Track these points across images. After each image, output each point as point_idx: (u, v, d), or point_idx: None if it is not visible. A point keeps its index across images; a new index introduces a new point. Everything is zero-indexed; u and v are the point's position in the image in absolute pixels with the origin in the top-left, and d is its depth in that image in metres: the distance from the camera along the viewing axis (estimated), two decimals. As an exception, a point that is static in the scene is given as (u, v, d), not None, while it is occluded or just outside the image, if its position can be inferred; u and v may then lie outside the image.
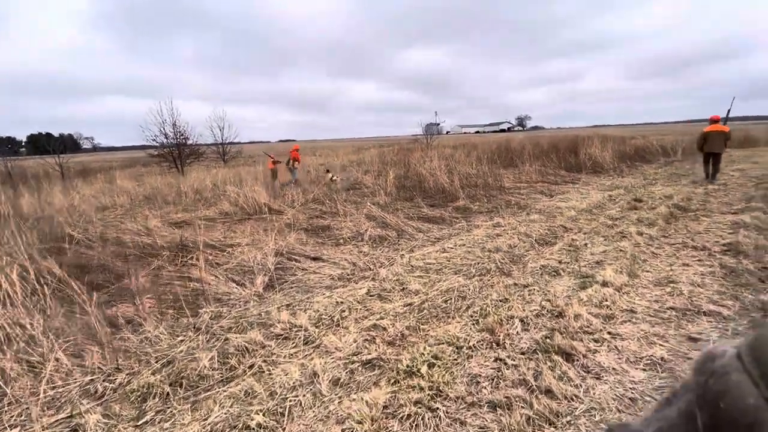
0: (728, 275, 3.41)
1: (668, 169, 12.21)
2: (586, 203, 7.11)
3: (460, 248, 4.80)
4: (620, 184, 9.20)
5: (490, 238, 5.14)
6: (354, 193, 10.03)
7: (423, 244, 5.11)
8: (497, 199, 7.83)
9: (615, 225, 5.50)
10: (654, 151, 15.31)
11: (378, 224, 5.88)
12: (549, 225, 5.66)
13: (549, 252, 4.51)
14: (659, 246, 4.49)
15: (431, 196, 8.63)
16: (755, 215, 5.32)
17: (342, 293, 3.54)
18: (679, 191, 7.88)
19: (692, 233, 4.94)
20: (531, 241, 4.92)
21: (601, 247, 4.56)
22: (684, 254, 4.14)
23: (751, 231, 4.68)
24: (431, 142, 32.75)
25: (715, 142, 9.18)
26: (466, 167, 13.35)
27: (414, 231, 5.67)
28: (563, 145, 15.16)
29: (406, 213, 6.98)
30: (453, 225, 6.06)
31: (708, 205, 6.60)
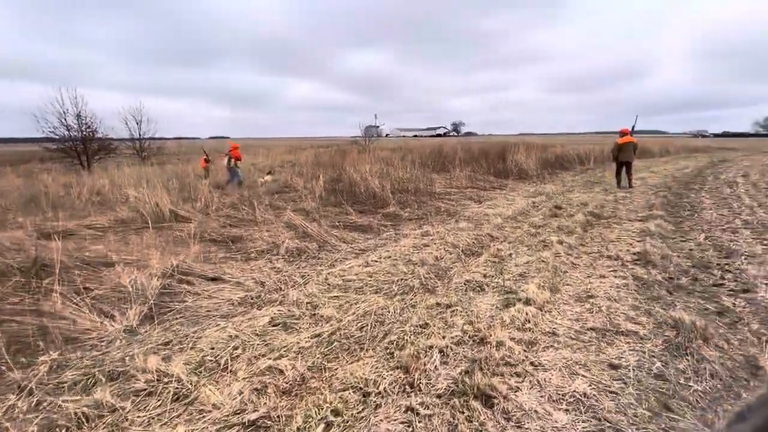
0: (640, 288, 3.45)
1: (583, 176, 13.19)
2: (512, 210, 7.22)
3: (385, 261, 4.44)
4: (543, 191, 9.62)
5: (417, 249, 4.86)
6: (281, 197, 9.30)
7: (346, 257, 4.67)
8: (428, 205, 7.67)
9: (538, 233, 5.55)
10: (571, 159, 16.56)
11: (298, 234, 5.32)
12: (476, 234, 5.55)
13: (475, 264, 4.33)
14: (578, 255, 4.54)
15: (362, 202, 8.25)
16: (657, 223, 5.70)
17: (239, 323, 2.96)
18: (594, 198, 8.40)
19: (606, 241, 5.12)
20: (458, 252, 4.72)
21: (525, 257, 4.50)
22: (600, 264, 4.20)
23: (656, 239, 4.96)
24: (370, 144, 32.63)
25: (628, 152, 10.19)
26: (400, 171, 13.25)
27: (338, 241, 5.20)
28: (493, 151, 15.77)
29: (332, 220, 6.50)
30: (380, 234, 5.71)
31: (618, 212, 7.04)
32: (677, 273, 3.81)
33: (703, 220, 6.15)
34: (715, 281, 3.59)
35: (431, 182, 10.48)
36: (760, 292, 3.29)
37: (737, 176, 12.58)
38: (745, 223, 5.88)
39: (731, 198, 8.27)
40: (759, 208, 7.03)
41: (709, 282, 3.57)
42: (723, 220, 6.15)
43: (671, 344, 2.46)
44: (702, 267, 3.97)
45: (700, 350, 2.38)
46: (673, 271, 3.81)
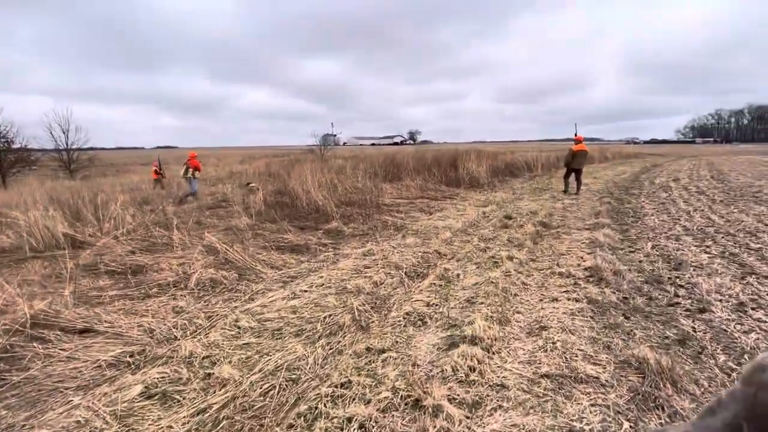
0: (596, 313, 3.09)
1: (532, 183, 13.37)
2: (462, 222, 6.87)
3: (316, 291, 3.80)
4: (493, 200, 9.46)
5: (356, 273, 4.28)
6: (214, 213, 8.37)
7: (270, 287, 3.97)
8: (374, 219, 7.13)
9: (488, 248, 5.18)
10: (520, 166, 16.89)
11: (218, 261, 4.54)
12: (423, 251, 5.08)
13: (418, 289, 3.82)
14: (529, 273, 4.18)
15: (303, 217, 7.56)
16: (606, 232, 5.56)
17: (99, 398, 2.19)
18: (543, 206, 8.30)
19: (557, 255, 4.84)
20: (400, 274, 4.20)
21: (474, 278, 4.06)
22: (552, 283, 3.85)
23: (606, 251, 4.74)
24: (326, 153, 31.83)
25: (581, 159, 10.38)
26: (349, 182, 12.69)
27: (264, 267, 4.49)
28: (445, 159, 15.68)
29: (265, 240, 5.76)
30: (317, 256, 5.06)
31: (566, 221, 6.92)
32: (631, 291, 3.52)
33: (647, 227, 6.12)
34: (669, 300, 3.32)
35: (381, 193, 10.00)
36: (716, 311, 3.05)
37: (669, 180, 13.32)
38: (686, 229, 5.91)
39: (668, 202, 8.53)
40: (695, 212, 7.22)
41: (664, 301, 3.31)
42: (665, 226, 6.17)
43: (637, 393, 2.05)
44: (654, 282, 3.74)
45: (671, 400, 1.98)
46: (627, 290, 3.53)
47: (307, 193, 8.03)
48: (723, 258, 4.41)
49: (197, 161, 10.92)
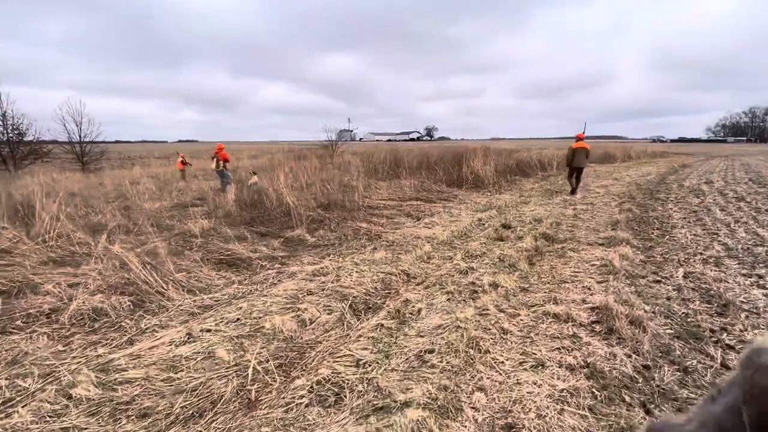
0: (599, 401, 2.01)
1: (544, 184, 12.10)
2: (451, 231, 5.80)
3: (221, 332, 2.85)
4: (495, 203, 8.32)
5: (289, 304, 3.30)
6: (181, 213, 7.54)
7: (168, 322, 3.04)
8: (347, 225, 6.13)
9: (470, 269, 4.12)
10: (533, 165, 15.55)
11: (123, 280, 3.63)
12: (389, 270, 4.07)
13: (357, 334, 2.81)
14: (514, 312, 3.11)
15: (271, 220, 6.63)
16: (623, 252, 4.40)
17: None
18: (550, 212, 7.14)
19: (557, 282, 3.74)
20: (343, 308, 3.20)
21: (437, 317, 3.03)
22: (543, 332, 2.78)
23: (622, 281, 3.62)
24: (336, 149, 30.92)
25: (581, 157, 9.81)
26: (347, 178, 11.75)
27: (178, 291, 3.56)
28: (449, 157, 14.50)
29: (209, 250, 4.86)
30: (255, 274, 4.11)
31: (576, 232, 5.76)
32: (655, 354, 2.42)
33: (677, 244, 4.92)
34: (715, 374, 2.22)
35: (370, 193, 9.00)
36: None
37: (701, 183, 11.83)
38: (727, 248, 4.69)
39: (701, 211, 7.22)
40: (736, 225, 5.93)
41: (707, 377, 2.20)
42: (700, 243, 4.96)
43: None
44: (691, 339, 2.62)
45: None
46: (649, 352, 2.43)
47: (278, 193, 7.09)
48: (785, 297, 3.24)
49: (225, 153, 10.78)
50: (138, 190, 11.05)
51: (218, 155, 10.53)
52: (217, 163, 10.55)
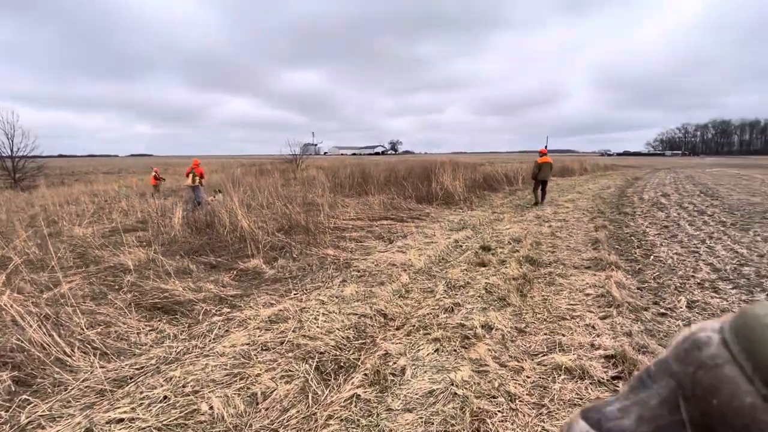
0: None
1: (513, 198, 11.99)
2: (428, 255, 5.26)
3: (137, 420, 2.07)
4: (469, 221, 7.93)
5: (236, 367, 2.57)
6: (116, 241, 6.49)
7: (59, 411, 2.21)
8: (311, 252, 5.43)
9: (456, 305, 3.57)
10: (500, 179, 15.58)
11: (13, 345, 2.73)
12: (363, 311, 3.44)
13: (326, 414, 2.14)
14: (516, 366, 2.57)
15: (224, 247, 5.80)
16: (618, 279, 4.04)
17: None
18: (527, 230, 6.82)
19: (555, 318, 3.27)
20: (307, 371, 2.52)
21: (427, 378, 2.43)
22: (556, 395, 2.25)
23: (627, 317, 3.21)
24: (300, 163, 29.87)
25: (546, 171, 10.33)
26: (311, 195, 11.02)
27: (87, 357, 2.71)
28: (417, 172, 14.18)
29: (141, 290, 3.99)
30: (201, 322, 3.32)
31: (558, 252, 5.42)
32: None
33: (665, 266, 4.67)
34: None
35: (337, 213, 8.34)
36: None
37: (658, 196, 12.21)
38: (715, 269, 4.48)
39: (672, 225, 7.21)
40: (711, 241, 5.86)
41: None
42: (686, 264, 4.74)
43: None
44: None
45: None
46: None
47: (232, 215, 6.27)
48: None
49: (202, 168, 10.75)
50: (71, 212, 9.69)
51: (195, 171, 10.34)
52: (193, 179, 10.35)
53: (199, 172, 10.68)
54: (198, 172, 10.65)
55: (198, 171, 10.66)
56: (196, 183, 10.64)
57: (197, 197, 10.62)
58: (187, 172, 10.80)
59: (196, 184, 10.65)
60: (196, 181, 10.62)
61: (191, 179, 10.62)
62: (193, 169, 10.63)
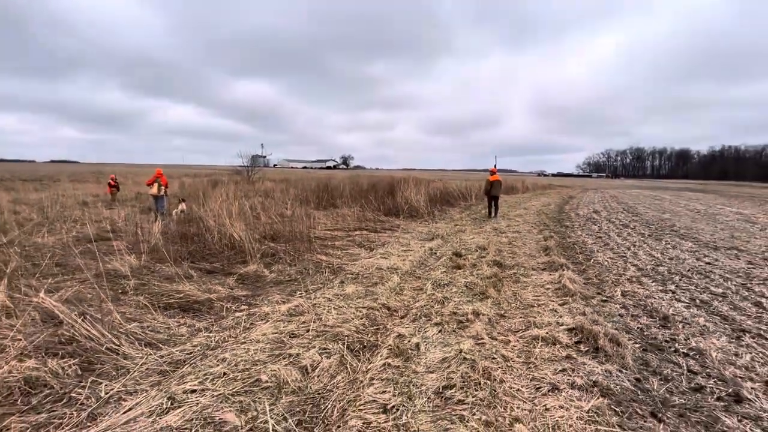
0: (618, 414, 2.23)
1: (470, 213, 13.14)
2: (409, 261, 5.92)
3: (209, 391, 2.44)
4: (436, 232, 8.76)
5: (276, 350, 3.00)
6: (89, 249, 6.36)
7: (135, 386, 2.51)
8: (305, 258, 5.86)
9: (446, 299, 4.25)
10: (456, 195, 16.83)
11: (57, 339, 2.91)
12: (368, 305, 3.98)
13: (367, 376, 2.67)
14: (505, 339, 3.28)
15: (214, 255, 6.01)
16: (570, 276, 4.98)
17: None
18: (488, 240, 7.76)
19: (526, 307, 4.07)
20: (341, 349, 3.02)
21: (439, 350, 3.04)
22: (539, 355, 2.97)
23: (579, 302, 4.09)
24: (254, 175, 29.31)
25: (497, 188, 11.64)
26: (280, 207, 11.22)
27: (134, 346, 2.97)
28: (381, 186, 14.94)
29: (152, 292, 4.19)
30: (222, 318, 3.66)
31: (517, 257, 6.36)
32: (638, 367, 2.78)
33: (602, 267, 5.75)
34: (689, 380, 2.63)
35: (313, 224, 8.74)
36: (750, 396, 2.39)
37: (591, 213, 14.06)
38: (639, 269, 5.63)
39: (604, 236, 8.58)
40: (635, 248, 7.18)
41: (683, 383, 2.59)
42: (617, 265, 5.87)
43: None
44: (656, 350, 3.07)
45: None
46: (633, 366, 2.77)
47: (220, 224, 6.48)
48: (699, 308, 4.00)
49: (165, 178, 10.80)
50: (17, 221, 9.06)
51: (160, 180, 10.43)
52: (159, 187, 10.42)
53: (163, 181, 10.71)
54: (162, 181, 10.67)
55: (162, 180, 10.68)
56: (160, 192, 10.64)
57: (160, 206, 10.63)
58: (151, 181, 10.74)
59: (160, 193, 10.65)
60: (160, 190, 10.62)
61: (156, 188, 10.62)
62: (157, 178, 10.64)
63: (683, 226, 10.12)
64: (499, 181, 11.66)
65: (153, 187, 10.61)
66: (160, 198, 10.66)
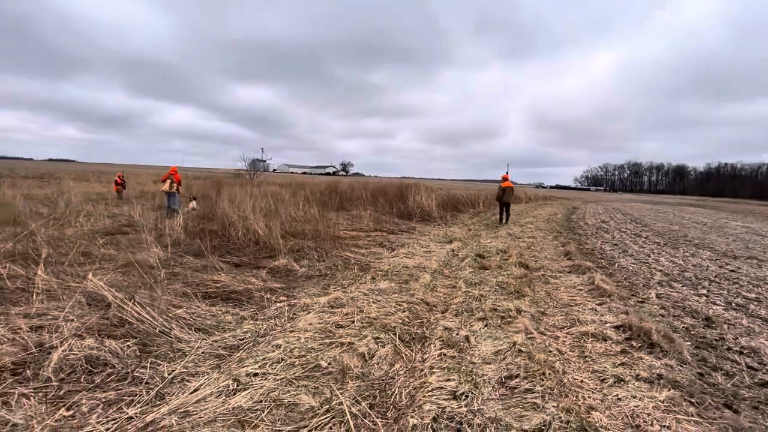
0: (694, 405, 2.21)
1: (480, 219, 13.16)
2: (435, 261, 5.91)
3: (272, 375, 2.41)
4: (453, 235, 8.76)
5: (327, 338, 2.97)
6: (111, 241, 6.33)
7: (195, 369, 2.47)
8: (332, 255, 5.84)
9: (482, 296, 4.23)
10: (464, 201, 16.88)
11: (107, 321, 2.88)
12: (406, 300, 3.96)
13: (426, 364, 2.65)
14: (554, 335, 3.27)
15: (239, 250, 5.98)
16: (601, 278, 4.98)
17: None
18: (507, 245, 7.76)
19: (564, 305, 4.06)
20: (392, 339, 3.00)
21: (490, 343, 3.02)
22: (593, 350, 2.96)
23: (617, 301, 4.09)
24: (255, 178, 29.30)
25: (509, 194, 11.67)
26: (292, 209, 11.20)
27: (185, 330, 2.93)
28: (391, 191, 14.96)
29: (186, 282, 4.15)
30: (264, 308, 3.62)
31: (540, 261, 6.36)
32: (697, 362, 2.78)
33: (628, 271, 5.76)
34: (753, 377, 2.62)
35: (332, 224, 8.73)
36: (818, 392, 2.39)
37: (599, 222, 14.12)
38: (665, 274, 5.65)
39: (620, 244, 8.60)
40: (656, 256, 7.20)
41: (747, 378, 2.59)
42: (643, 270, 5.88)
43: None
44: (709, 348, 3.07)
45: None
46: (693, 362, 2.77)
47: (243, 219, 6.45)
48: (737, 311, 4.01)
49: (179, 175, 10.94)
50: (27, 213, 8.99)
51: (173, 177, 10.53)
52: (171, 185, 10.49)
53: (177, 179, 10.84)
54: (176, 179, 10.81)
55: (176, 178, 10.81)
56: (173, 189, 10.74)
57: (172, 203, 10.60)
58: (164, 178, 10.80)
59: (173, 190, 10.76)
60: (173, 187, 10.73)
61: (168, 185, 10.69)
62: (171, 175, 10.76)
63: (696, 237, 10.18)
64: (511, 187, 11.73)
65: (166, 183, 10.66)
66: (172, 195, 10.74)
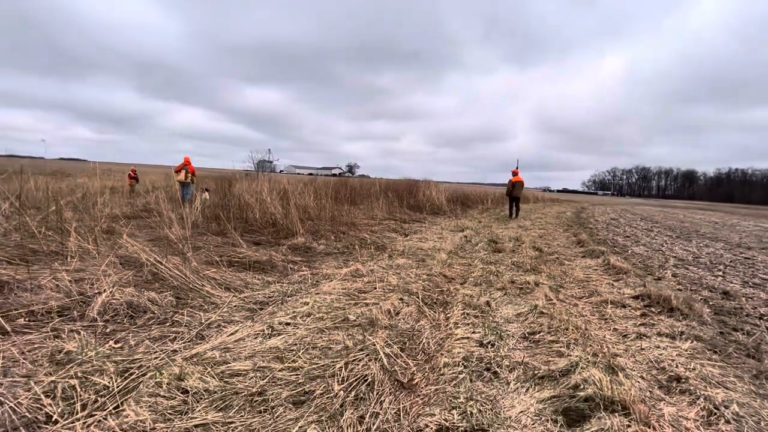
0: (719, 354, 2.27)
1: (489, 214, 13.20)
2: (449, 244, 5.98)
3: (302, 324, 2.50)
4: (465, 225, 8.82)
5: (352, 298, 3.06)
6: (131, 222, 6.48)
7: (230, 317, 2.57)
8: (348, 236, 5.94)
9: (499, 272, 4.30)
10: (473, 198, 16.93)
11: (141, 278, 2.99)
12: (425, 273, 4.03)
13: (451, 321, 2.72)
14: (574, 303, 3.33)
15: (256, 231, 6.10)
16: (616, 259, 5.02)
17: None
18: (519, 233, 7.81)
19: (581, 281, 4.11)
20: (416, 301, 3.08)
21: (510, 307, 3.09)
22: (613, 314, 3.02)
23: (634, 277, 4.13)
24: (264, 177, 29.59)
25: (519, 189, 11.70)
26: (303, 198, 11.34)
27: (216, 288, 3.04)
28: (401, 186, 15.05)
29: (211, 254, 4.27)
30: (288, 275, 3.73)
31: (553, 248, 6.39)
32: (717, 323, 2.82)
33: (642, 256, 5.79)
34: (762, 334, 2.66)
35: (347, 212, 8.84)
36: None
37: (610, 219, 14.08)
38: (680, 260, 5.67)
39: (632, 236, 8.60)
40: (669, 245, 7.20)
41: (766, 336, 2.63)
42: (657, 256, 5.90)
43: None
44: (728, 314, 3.11)
45: None
46: (712, 322, 2.81)
47: (261, 202, 6.58)
48: (754, 288, 4.04)
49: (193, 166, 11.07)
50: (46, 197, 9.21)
51: (187, 167, 10.72)
52: (186, 175, 10.72)
53: (191, 169, 11.02)
54: (190, 169, 10.99)
55: (190, 168, 10.98)
56: (187, 179, 10.90)
57: (186, 193, 10.80)
58: (179, 168, 11.00)
59: (187, 180, 10.92)
60: (188, 177, 10.91)
61: (183, 175, 10.85)
62: (185, 165, 10.88)
63: (708, 232, 10.14)
64: (521, 181, 11.72)
65: (180, 173, 10.86)
66: (186, 185, 10.92)
